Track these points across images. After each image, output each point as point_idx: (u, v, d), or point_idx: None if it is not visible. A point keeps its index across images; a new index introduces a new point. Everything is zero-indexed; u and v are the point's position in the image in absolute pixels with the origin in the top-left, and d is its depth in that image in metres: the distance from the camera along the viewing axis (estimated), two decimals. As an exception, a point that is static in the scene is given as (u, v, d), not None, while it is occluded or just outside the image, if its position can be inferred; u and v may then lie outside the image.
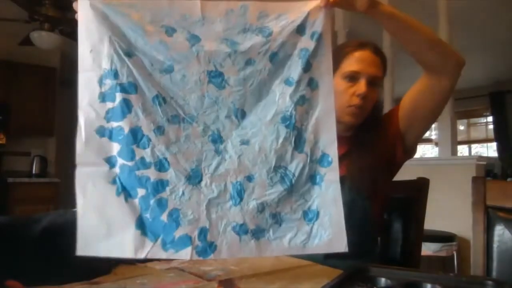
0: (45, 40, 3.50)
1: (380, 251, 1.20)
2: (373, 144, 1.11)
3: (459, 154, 5.38)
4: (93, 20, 0.78)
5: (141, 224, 0.75)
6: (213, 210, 0.77)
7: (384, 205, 1.16)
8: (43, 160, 4.82)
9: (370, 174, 1.07)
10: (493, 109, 6.62)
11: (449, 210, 2.83)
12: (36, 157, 4.78)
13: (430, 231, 2.67)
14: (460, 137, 6.69)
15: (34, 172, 4.74)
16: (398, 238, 1.26)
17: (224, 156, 0.79)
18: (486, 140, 7.21)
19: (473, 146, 7.53)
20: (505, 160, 5.45)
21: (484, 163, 3.14)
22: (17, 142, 4.75)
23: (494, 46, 4.94)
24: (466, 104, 6.41)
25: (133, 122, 0.77)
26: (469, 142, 7.52)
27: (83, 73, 0.78)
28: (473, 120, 7.48)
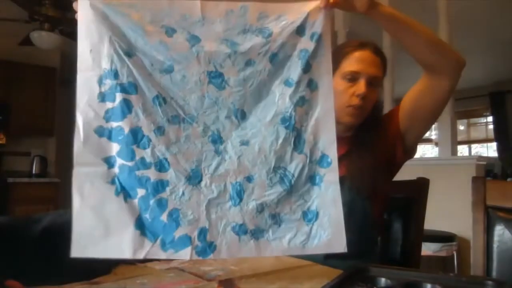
0: (45, 40, 3.50)
1: (380, 251, 1.20)
2: (373, 144, 1.11)
3: (459, 154, 5.38)
4: (93, 20, 0.78)
5: (140, 224, 0.75)
6: (212, 211, 0.77)
7: (384, 205, 1.16)
8: (43, 160, 4.81)
9: (370, 174, 1.07)
10: (493, 109, 6.62)
11: (449, 210, 2.83)
12: (36, 157, 4.77)
13: (430, 231, 2.67)
14: (460, 137, 6.69)
15: (34, 172, 4.73)
16: (398, 238, 1.26)
17: (224, 157, 0.80)
18: (486, 140, 7.21)
19: (473, 146, 7.53)
20: (505, 160, 5.43)
21: (484, 163, 3.14)
22: (17, 142, 4.74)
23: (494, 46, 4.94)
24: (466, 104, 6.41)
25: (133, 123, 0.77)
26: (469, 142, 7.52)
27: (82, 73, 0.78)
28: (473, 120, 7.48)
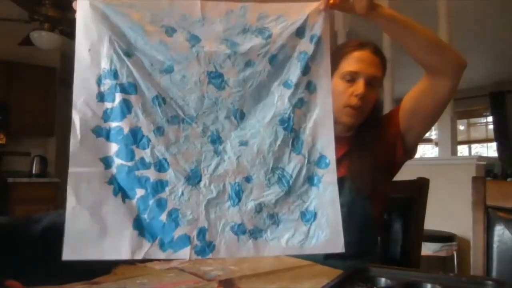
0: (45, 40, 3.50)
1: (380, 251, 1.20)
2: (373, 144, 1.11)
3: (459, 154, 5.37)
4: (93, 20, 0.78)
5: (138, 225, 0.74)
6: (212, 211, 0.77)
7: (384, 205, 1.16)
8: (43, 160, 4.81)
9: (370, 174, 1.07)
10: (493, 109, 6.62)
11: (449, 210, 2.83)
12: (36, 157, 4.77)
13: (430, 231, 2.67)
14: (460, 137, 6.68)
15: (34, 172, 4.73)
16: (398, 238, 1.26)
17: (223, 157, 0.80)
18: (486, 140, 7.20)
19: (473, 146, 7.53)
20: (505, 160, 5.43)
21: (484, 163, 3.14)
22: (17, 142, 4.75)
23: (494, 46, 4.94)
24: (466, 104, 6.40)
25: (133, 123, 0.77)
26: (469, 142, 7.51)
27: (79, 72, 0.77)
28: (473, 120, 7.48)
